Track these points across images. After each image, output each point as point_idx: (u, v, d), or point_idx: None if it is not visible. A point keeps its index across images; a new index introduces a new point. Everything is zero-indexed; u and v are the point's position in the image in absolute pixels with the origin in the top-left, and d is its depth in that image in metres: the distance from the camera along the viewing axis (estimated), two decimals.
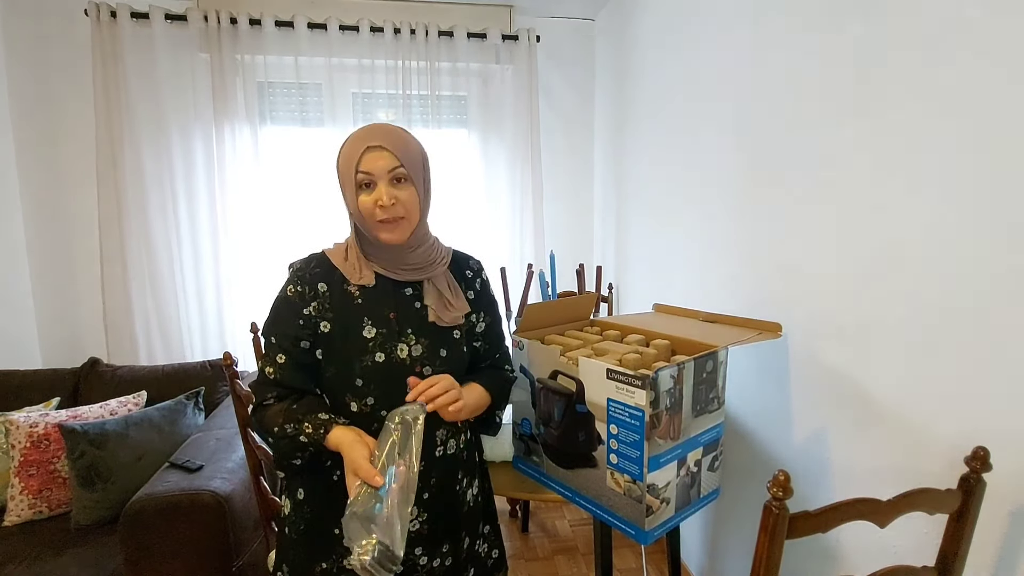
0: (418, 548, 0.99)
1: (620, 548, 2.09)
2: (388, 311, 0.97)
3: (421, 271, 1.00)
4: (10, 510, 1.70)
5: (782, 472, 0.75)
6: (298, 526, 1.00)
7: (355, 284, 0.97)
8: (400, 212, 0.93)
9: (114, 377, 2.09)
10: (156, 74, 2.24)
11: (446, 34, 2.47)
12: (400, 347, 0.96)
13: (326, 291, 0.96)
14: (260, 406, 0.95)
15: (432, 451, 1.00)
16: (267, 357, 0.96)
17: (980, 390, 0.93)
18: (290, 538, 1.01)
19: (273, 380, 0.94)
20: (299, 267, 0.98)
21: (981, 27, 0.90)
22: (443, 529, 1.02)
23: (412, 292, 1.00)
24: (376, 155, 0.91)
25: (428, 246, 1.02)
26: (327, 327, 0.95)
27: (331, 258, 0.99)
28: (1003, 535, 0.92)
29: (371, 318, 0.95)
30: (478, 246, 2.59)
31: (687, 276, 1.93)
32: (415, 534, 0.99)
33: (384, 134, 0.93)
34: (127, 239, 2.26)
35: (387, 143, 0.91)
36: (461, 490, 1.06)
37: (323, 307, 0.95)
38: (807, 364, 1.33)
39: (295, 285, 0.96)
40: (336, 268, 0.98)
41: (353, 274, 0.97)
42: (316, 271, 0.97)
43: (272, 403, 0.94)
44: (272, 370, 0.94)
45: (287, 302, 0.96)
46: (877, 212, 1.11)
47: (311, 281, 0.96)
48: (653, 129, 2.15)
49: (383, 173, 0.91)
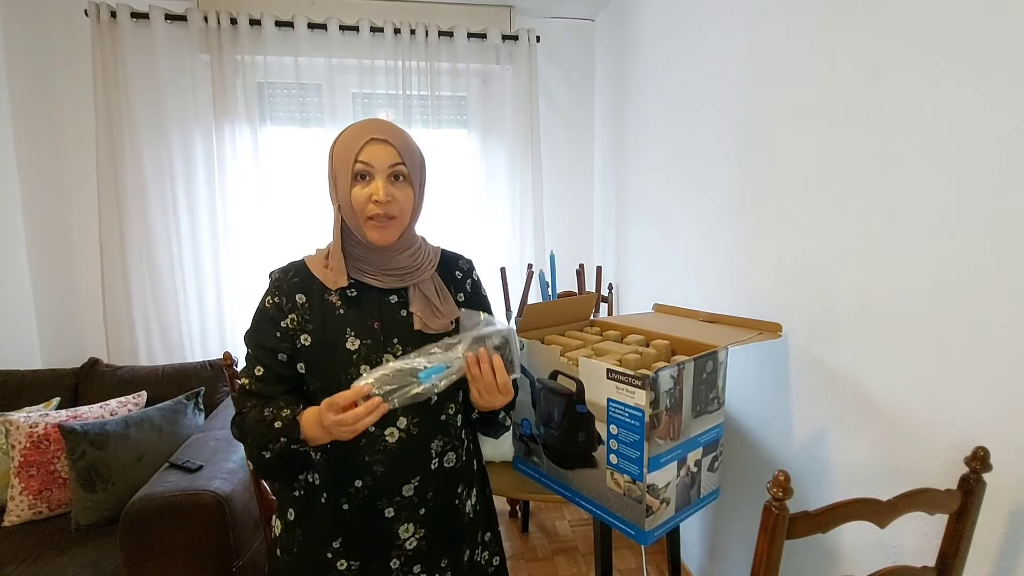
0: (416, 566, 0.96)
1: (620, 548, 2.10)
2: (372, 320, 0.92)
3: (407, 277, 0.95)
4: (10, 510, 1.70)
5: (782, 472, 0.76)
6: (291, 548, 0.97)
7: (336, 294, 0.92)
8: (394, 211, 0.89)
9: (114, 377, 2.09)
10: (156, 74, 2.24)
11: (446, 34, 2.47)
12: (386, 358, 0.90)
13: (305, 303, 0.91)
14: (239, 415, 0.92)
15: (427, 464, 0.95)
16: (246, 368, 0.92)
17: (980, 390, 0.93)
18: (283, 560, 0.98)
19: (250, 391, 0.91)
20: (277, 277, 0.94)
21: (982, 27, 0.90)
22: (442, 545, 0.98)
23: (397, 300, 0.95)
24: (379, 147, 0.87)
25: (415, 249, 0.97)
26: (307, 340, 0.90)
27: (310, 267, 0.94)
28: (1003, 535, 0.92)
29: (354, 329, 0.91)
30: (478, 246, 2.59)
31: (687, 276, 1.93)
32: (412, 552, 0.95)
33: (389, 129, 0.90)
34: (127, 239, 2.26)
35: (391, 137, 0.88)
36: (460, 503, 1.01)
37: (303, 319, 0.91)
38: (807, 364, 1.33)
39: (272, 296, 0.92)
40: (316, 277, 0.93)
41: (329, 279, 0.92)
42: (294, 281, 0.93)
43: (250, 411, 0.90)
44: (249, 381, 0.91)
45: (265, 314, 0.92)
46: (878, 212, 1.11)
47: (288, 292, 0.92)
48: (653, 129, 2.15)
49: (383, 167, 0.87)
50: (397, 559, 0.94)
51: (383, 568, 0.94)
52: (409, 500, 0.94)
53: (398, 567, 0.94)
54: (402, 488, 0.93)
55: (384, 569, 0.94)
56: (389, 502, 0.93)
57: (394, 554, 0.94)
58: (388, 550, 0.94)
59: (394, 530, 0.93)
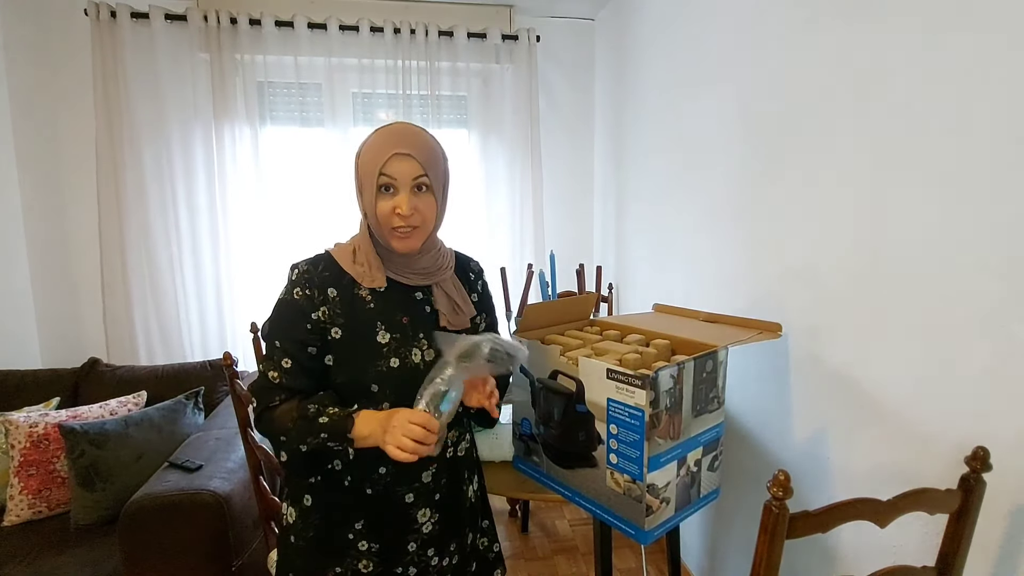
0: (430, 549, 1.00)
1: (620, 548, 2.09)
2: (401, 316, 0.95)
3: (430, 276, 0.99)
4: (9, 510, 1.70)
5: (782, 472, 0.75)
6: (306, 533, 0.98)
7: (367, 289, 0.95)
8: (417, 221, 0.91)
9: (114, 377, 2.09)
10: (156, 74, 2.23)
11: (446, 34, 2.47)
12: (414, 352, 0.95)
13: (336, 296, 0.93)
14: (267, 409, 0.92)
15: (443, 453, 1.01)
16: (270, 361, 0.92)
17: (980, 390, 0.93)
18: (297, 546, 0.99)
19: (278, 384, 0.91)
20: (305, 269, 0.94)
21: (983, 27, 0.90)
22: (451, 529, 1.04)
23: (422, 297, 0.99)
24: (403, 162, 0.89)
25: (436, 251, 1.01)
26: (338, 333, 0.92)
27: (339, 260, 0.96)
28: (1003, 535, 0.92)
29: (384, 323, 0.94)
30: (478, 246, 2.59)
31: (687, 276, 1.93)
32: (428, 536, 1.00)
33: (413, 141, 0.91)
34: (127, 239, 2.26)
35: (415, 151, 0.90)
36: (467, 488, 1.08)
37: (333, 313, 0.92)
38: (807, 364, 1.33)
39: (302, 288, 0.92)
40: (345, 272, 0.95)
41: (365, 277, 0.94)
42: (325, 275, 0.94)
43: (279, 404, 0.91)
44: (277, 374, 0.91)
45: (293, 306, 0.92)
46: (878, 212, 1.11)
47: (320, 285, 0.93)
48: (653, 129, 2.15)
49: (407, 180, 0.90)
50: (414, 542, 0.99)
51: (400, 551, 0.98)
52: (427, 486, 0.99)
53: (414, 550, 0.99)
54: (421, 475, 0.98)
55: (401, 552, 0.98)
56: (409, 488, 0.97)
57: (411, 538, 0.99)
58: (406, 534, 0.98)
59: (412, 515, 0.98)
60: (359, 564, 0.96)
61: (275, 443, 0.94)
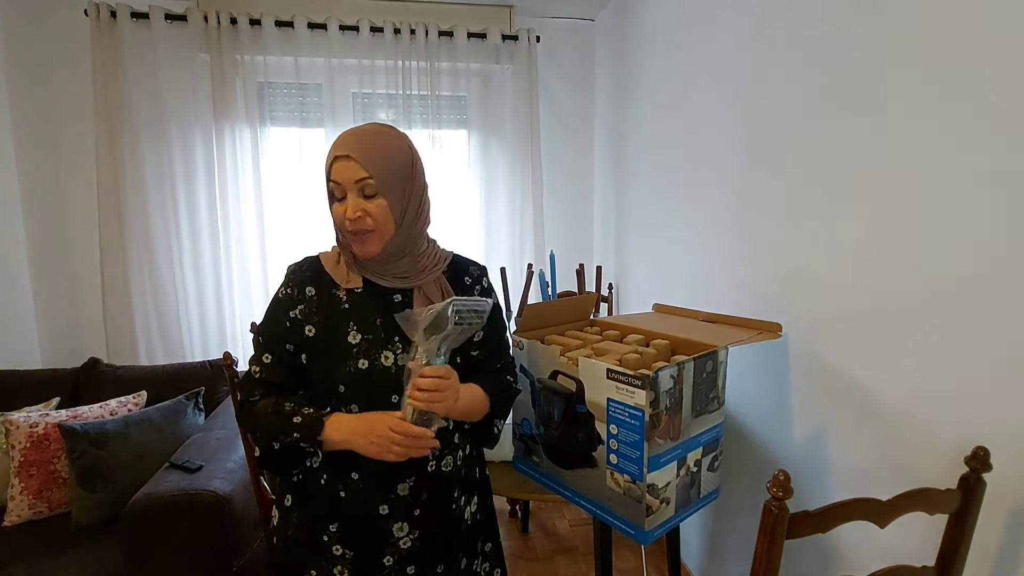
0: (410, 567, 0.96)
1: (620, 548, 2.09)
2: (375, 317, 0.94)
3: (410, 279, 0.97)
4: (10, 510, 1.69)
5: (782, 472, 0.76)
6: (286, 532, 0.99)
7: (344, 289, 0.95)
8: (368, 225, 0.88)
9: (114, 377, 2.09)
10: (156, 74, 2.23)
11: (446, 34, 2.47)
12: (385, 355, 0.92)
13: (313, 295, 0.95)
14: (247, 402, 0.94)
15: (423, 465, 0.96)
16: (255, 356, 0.96)
17: (980, 390, 0.93)
18: (279, 546, 1.00)
19: (259, 378, 0.94)
20: (293, 269, 0.99)
21: (984, 27, 0.90)
22: (439, 548, 0.99)
23: (401, 299, 0.97)
24: (344, 165, 0.87)
25: (418, 255, 0.97)
26: (311, 331, 0.94)
27: (323, 262, 0.98)
28: (1003, 535, 0.92)
29: (357, 324, 0.93)
30: (478, 247, 2.59)
31: (687, 276, 1.93)
32: (407, 552, 0.96)
33: (354, 143, 0.88)
34: (127, 239, 2.26)
35: (355, 152, 0.86)
36: (458, 508, 1.02)
37: (309, 311, 0.94)
38: (807, 364, 1.33)
39: (287, 287, 0.96)
40: (326, 272, 0.97)
41: (341, 278, 0.96)
42: (307, 274, 0.97)
43: (259, 399, 0.93)
44: (258, 368, 0.94)
45: (278, 303, 0.96)
46: (878, 212, 1.11)
47: (300, 284, 0.96)
48: (653, 129, 2.15)
49: (350, 184, 0.88)
50: (391, 556, 0.96)
51: (376, 562, 0.96)
52: (404, 499, 0.95)
53: (391, 564, 0.96)
54: (396, 487, 0.95)
55: (377, 564, 0.96)
56: (384, 499, 0.94)
57: (388, 551, 0.96)
58: (382, 546, 0.96)
59: (388, 527, 0.95)
60: (334, 569, 0.95)
61: (252, 437, 0.96)
